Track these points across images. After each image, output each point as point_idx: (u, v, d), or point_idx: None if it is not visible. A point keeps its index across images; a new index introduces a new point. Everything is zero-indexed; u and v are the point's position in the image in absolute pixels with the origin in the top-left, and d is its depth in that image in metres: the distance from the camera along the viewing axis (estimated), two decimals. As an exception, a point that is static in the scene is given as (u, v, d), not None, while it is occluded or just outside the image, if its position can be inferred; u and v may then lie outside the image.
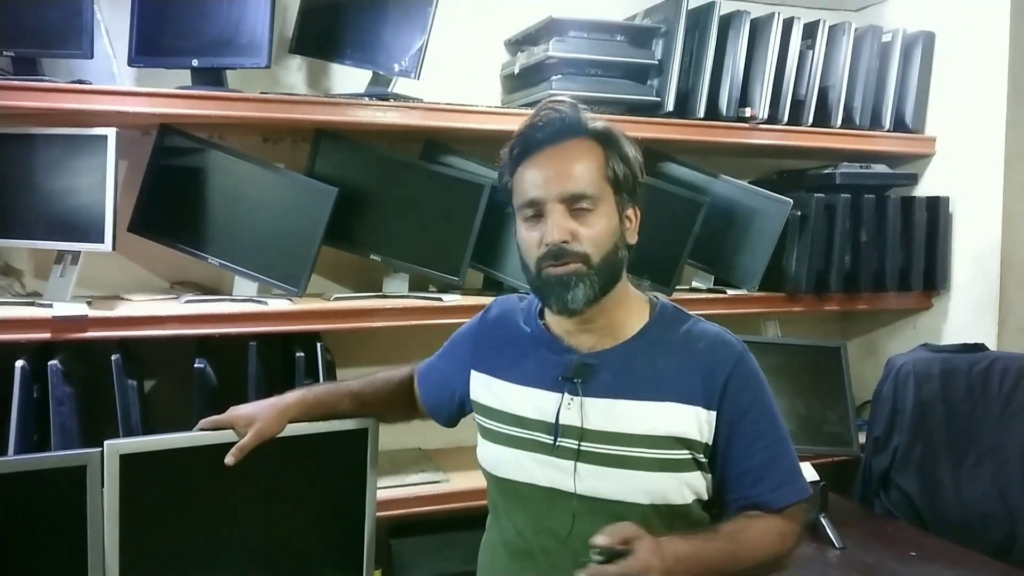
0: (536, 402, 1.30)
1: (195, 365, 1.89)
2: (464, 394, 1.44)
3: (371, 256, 2.20)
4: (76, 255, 1.91)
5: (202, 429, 1.44)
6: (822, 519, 2.00)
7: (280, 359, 2.13)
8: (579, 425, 1.26)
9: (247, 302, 2.04)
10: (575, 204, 1.24)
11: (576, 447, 1.26)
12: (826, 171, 2.62)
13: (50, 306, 1.83)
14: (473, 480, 1.66)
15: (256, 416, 1.42)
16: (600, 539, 1.11)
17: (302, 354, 1.96)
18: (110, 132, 1.85)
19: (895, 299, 2.72)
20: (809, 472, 2.11)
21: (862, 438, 2.36)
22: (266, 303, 2.02)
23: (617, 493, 1.24)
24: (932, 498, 2.22)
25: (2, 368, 1.79)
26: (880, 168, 2.68)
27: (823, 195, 2.52)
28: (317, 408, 1.50)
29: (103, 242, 1.86)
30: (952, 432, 2.24)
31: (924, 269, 2.66)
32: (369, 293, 2.25)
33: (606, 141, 1.28)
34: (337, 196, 2.04)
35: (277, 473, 1.47)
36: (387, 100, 2.10)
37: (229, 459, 1.38)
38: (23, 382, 1.75)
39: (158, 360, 2.13)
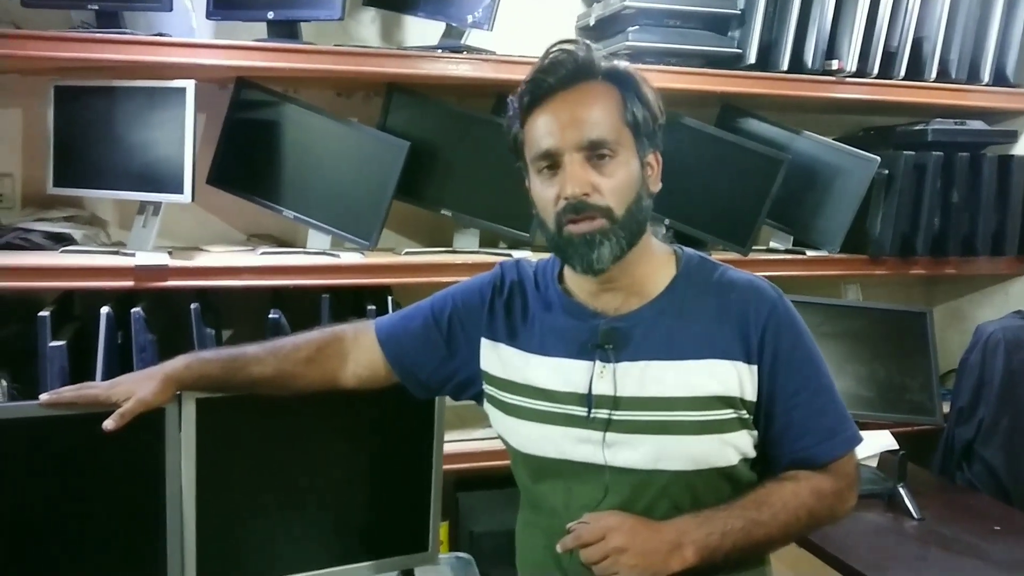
0: (565, 373, 1.22)
1: (270, 316, 1.94)
2: (470, 365, 1.33)
3: (442, 211, 2.20)
4: (157, 206, 1.96)
5: (69, 402, 1.26)
6: (900, 489, 1.93)
7: (352, 311, 2.15)
8: (612, 394, 1.19)
9: (320, 255, 2.07)
10: (595, 152, 1.15)
11: (608, 417, 1.19)
12: (917, 127, 2.49)
13: (133, 255, 1.89)
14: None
15: (135, 389, 1.28)
16: (572, 524, 1.15)
17: (373, 307, 1.98)
18: (189, 84, 1.89)
19: (986, 264, 2.60)
20: (888, 441, 2.04)
21: (945, 408, 2.27)
22: (338, 256, 2.05)
23: (653, 461, 1.17)
24: (1019, 472, 2.12)
25: (88, 315, 1.87)
26: (976, 124, 2.53)
27: (913, 153, 2.40)
28: (206, 379, 1.33)
29: (183, 193, 1.91)
30: (1044, 404, 2.14)
31: (1020, 233, 2.53)
32: (439, 248, 2.25)
33: (622, 83, 1.18)
34: (409, 150, 2.04)
35: (347, 425, 1.49)
36: (459, 52, 2.08)
37: (108, 424, 1.24)
38: (108, 328, 1.82)
39: (234, 310, 2.18)
